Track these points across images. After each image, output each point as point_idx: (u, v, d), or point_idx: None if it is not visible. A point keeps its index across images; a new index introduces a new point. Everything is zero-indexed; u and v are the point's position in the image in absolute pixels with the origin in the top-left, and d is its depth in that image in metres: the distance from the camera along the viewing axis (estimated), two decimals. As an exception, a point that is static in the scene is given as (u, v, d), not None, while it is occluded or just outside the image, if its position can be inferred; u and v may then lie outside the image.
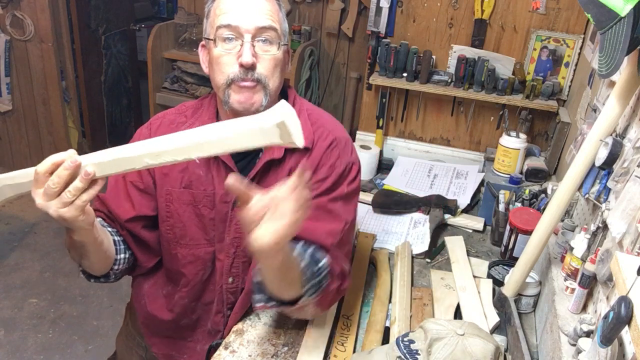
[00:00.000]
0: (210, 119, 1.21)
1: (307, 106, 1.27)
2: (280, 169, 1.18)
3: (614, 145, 1.10)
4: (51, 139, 3.56)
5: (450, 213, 1.85)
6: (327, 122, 1.25)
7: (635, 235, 0.99)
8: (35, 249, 3.07)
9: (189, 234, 1.22)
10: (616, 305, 0.75)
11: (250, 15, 1.09)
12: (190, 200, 1.21)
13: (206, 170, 1.19)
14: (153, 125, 1.25)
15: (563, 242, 1.38)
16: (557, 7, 1.98)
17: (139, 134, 1.26)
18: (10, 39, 3.29)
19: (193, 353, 1.32)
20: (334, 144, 1.21)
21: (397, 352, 1.04)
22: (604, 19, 1.01)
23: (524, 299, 1.38)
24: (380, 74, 2.15)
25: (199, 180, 1.20)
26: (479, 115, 2.19)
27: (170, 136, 0.84)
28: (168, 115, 1.26)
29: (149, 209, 1.23)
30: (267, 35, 1.10)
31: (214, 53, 1.11)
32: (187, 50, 3.22)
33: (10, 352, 2.38)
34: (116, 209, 1.20)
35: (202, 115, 1.23)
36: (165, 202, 1.22)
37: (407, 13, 2.12)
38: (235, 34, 1.09)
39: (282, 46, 1.14)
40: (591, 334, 1.04)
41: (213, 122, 1.15)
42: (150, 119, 1.28)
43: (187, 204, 1.21)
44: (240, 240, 1.20)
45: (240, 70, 1.09)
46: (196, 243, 1.23)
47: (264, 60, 1.11)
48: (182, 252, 1.24)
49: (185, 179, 1.20)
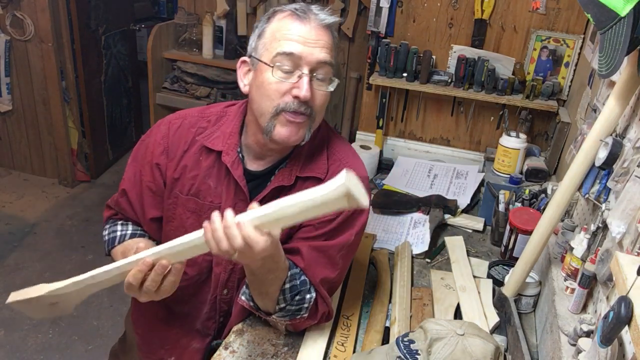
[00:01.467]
0: (233, 133, 1.18)
1: (332, 139, 1.23)
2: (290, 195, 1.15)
3: (614, 145, 1.10)
4: (51, 139, 3.56)
5: (450, 213, 1.85)
6: (346, 158, 1.21)
7: (635, 235, 0.99)
8: (35, 249, 3.07)
9: None
10: (616, 305, 0.75)
11: (313, 48, 1.06)
12: (195, 209, 1.20)
13: (216, 182, 1.18)
14: (172, 126, 1.22)
15: (563, 242, 1.38)
16: (557, 7, 1.98)
17: (156, 132, 1.23)
18: (10, 39, 3.29)
19: (175, 345, 1.31)
20: None
21: (397, 352, 1.04)
22: (604, 19, 1.01)
23: (524, 299, 1.38)
24: (380, 74, 2.15)
25: (207, 191, 1.19)
26: (479, 115, 2.19)
27: (247, 214, 0.89)
28: (189, 118, 1.23)
29: (159, 210, 1.24)
30: (324, 72, 1.08)
31: (267, 78, 1.07)
32: (187, 50, 3.22)
33: (10, 352, 2.38)
34: (139, 211, 1.25)
35: (225, 125, 1.20)
36: (171, 205, 1.22)
37: (407, 13, 2.12)
38: (295, 64, 1.05)
39: (336, 83, 1.11)
40: (591, 334, 1.04)
41: (235, 136, 1.17)
42: (170, 118, 1.25)
43: (191, 211, 1.20)
44: None
45: (293, 101, 1.06)
46: None
47: (317, 96, 1.09)
48: None
49: (195, 187, 1.19)
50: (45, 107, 3.46)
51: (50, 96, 3.42)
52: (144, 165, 1.23)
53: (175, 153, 1.20)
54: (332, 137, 1.24)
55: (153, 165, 1.21)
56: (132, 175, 1.25)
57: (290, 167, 1.16)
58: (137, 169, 1.25)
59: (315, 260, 1.14)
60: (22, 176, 3.74)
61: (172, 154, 1.20)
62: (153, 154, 1.21)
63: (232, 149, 1.16)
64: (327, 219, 1.16)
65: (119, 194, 1.28)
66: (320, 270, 1.15)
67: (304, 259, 1.13)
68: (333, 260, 1.18)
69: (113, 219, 1.32)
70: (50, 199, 3.53)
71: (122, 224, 1.29)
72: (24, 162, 3.72)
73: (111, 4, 3.68)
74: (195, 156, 1.19)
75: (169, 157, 1.20)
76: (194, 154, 1.19)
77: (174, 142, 1.20)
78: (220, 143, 1.17)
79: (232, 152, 1.16)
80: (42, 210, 3.41)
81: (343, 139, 1.28)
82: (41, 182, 3.70)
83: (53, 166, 3.67)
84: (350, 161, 1.21)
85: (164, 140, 1.21)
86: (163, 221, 1.25)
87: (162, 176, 1.22)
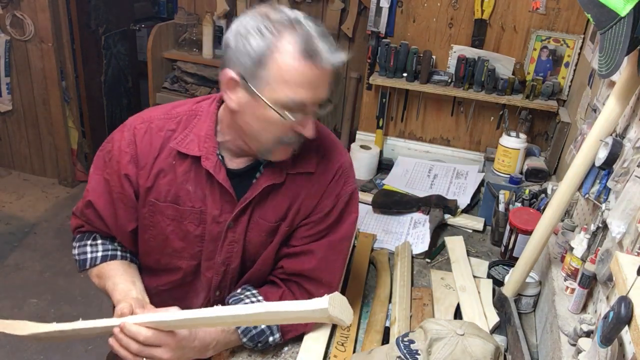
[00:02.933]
0: (209, 136, 1.11)
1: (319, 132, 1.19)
2: (281, 192, 1.15)
3: (614, 145, 1.10)
4: (51, 139, 3.56)
5: (450, 213, 1.85)
6: (333, 145, 1.21)
7: (635, 235, 0.99)
8: (35, 249, 3.07)
9: (171, 245, 1.18)
10: (616, 305, 0.75)
11: (322, 89, 1.02)
12: (175, 215, 1.15)
13: (195, 186, 1.13)
14: (138, 132, 1.13)
15: (563, 242, 1.38)
16: (557, 7, 1.98)
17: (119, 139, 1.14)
18: (10, 39, 3.29)
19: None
20: (340, 172, 1.18)
21: (397, 352, 1.04)
22: (604, 19, 1.01)
23: (524, 299, 1.38)
24: (380, 74, 2.15)
25: (187, 196, 1.13)
26: (479, 115, 2.19)
27: (230, 309, 0.94)
28: (155, 121, 1.14)
29: (133, 222, 1.18)
30: (324, 106, 1.06)
31: (269, 116, 1.00)
32: (187, 50, 3.22)
33: (10, 352, 2.38)
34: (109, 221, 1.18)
35: (198, 127, 1.13)
36: (148, 213, 1.16)
37: (407, 13, 2.12)
38: (302, 107, 1.01)
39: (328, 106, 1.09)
40: (591, 334, 1.04)
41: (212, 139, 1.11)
42: (134, 123, 1.15)
43: (170, 218, 1.15)
44: (231, 259, 1.19)
45: (296, 135, 1.05)
46: (178, 255, 1.19)
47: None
48: (164, 259, 1.21)
49: (172, 193, 1.13)
50: (45, 107, 3.46)
51: (50, 96, 3.42)
52: (112, 175, 1.15)
53: (145, 161, 1.12)
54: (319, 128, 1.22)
55: (122, 176, 1.13)
56: (97, 184, 1.17)
57: (280, 164, 1.13)
58: (101, 178, 1.17)
59: (327, 259, 1.19)
60: (22, 176, 3.74)
61: (142, 162, 1.13)
62: (120, 164, 1.13)
63: (211, 153, 1.11)
64: (326, 211, 1.17)
65: (84, 204, 1.20)
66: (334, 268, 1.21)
67: (316, 260, 1.16)
68: (343, 253, 1.22)
69: (80, 231, 1.25)
70: (50, 199, 3.53)
71: (92, 244, 1.22)
72: (24, 162, 3.72)
73: (111, 4, 3.68)
74: (168, 161, 1.12)
75: (139, 165, 1.13)
76: (166, 159, 1.12)
77: (142, 150, 1.12)
78: (197, 147, 1.11)
79: (212, 157, 1.11)
80: (42, 210, 3.41)
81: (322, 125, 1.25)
82: (41, 182, 3.70)
83: (53, 166, 3.67)
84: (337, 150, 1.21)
85: (130, 148, 1.12)
86: (139, 229, 1.19)
87: (133, 186, 1.14)
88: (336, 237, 1.19)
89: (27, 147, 3.66)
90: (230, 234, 1.16)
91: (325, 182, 1.16)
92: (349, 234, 1.22)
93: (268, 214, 1.15)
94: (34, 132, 3.58)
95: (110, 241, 1.24)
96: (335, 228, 1.19)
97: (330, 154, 1.19)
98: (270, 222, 1.16)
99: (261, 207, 1.15)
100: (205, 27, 3.10)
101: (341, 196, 1.18)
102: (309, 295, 1.17)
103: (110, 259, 1.21)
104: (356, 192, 1.22)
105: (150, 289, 1.22)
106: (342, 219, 1.20)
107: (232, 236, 1.16)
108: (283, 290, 1.19)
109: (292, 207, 1.16)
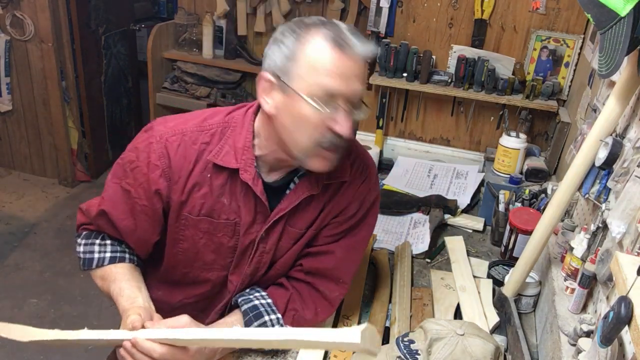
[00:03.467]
0: (247, 148, 1.08)
1: None
2: (314, 201, 1.14)
3: (614, 145, 1.10)
4: (51, 139, 3.56)
5: (450, 213, 1.85)
6: (361, 150, 1.21)
7: (635, 235, 0.99)
8: (35, 249, 3.07)
9: (202, 259, 1.16)
10: (616, 305, 0.75)
11: (355, 84, 0.99)
12: (208, 229, 1.12)
13: (230, 199, 1.11)
14: (171, 145, 1.08)
15: (563, 242, 1.38)
16: (557, 7, 1.98)
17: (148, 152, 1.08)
18: (10, 39, 3.29)
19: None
20: (366, 177, 1.19)
21: (397, 352, 1.04)
22: (604, 19, 1.01)
23: (524, 299, 1.38)
24: (380, 74, 2.15)
25: (221, 209, 1.11)
26: (479, 115, 2.19)
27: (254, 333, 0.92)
28: (189, 134, 1.09)
29: (156, 234, 1.16)
30: (358, 102, 1.03)
31: (304, 111, 0.98)
32: (187, 50, 3.22)
33: (10, 352, 2.37)
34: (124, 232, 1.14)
35: (233, 138, 1.09)
36: (180, 227, 1.13)
37: (407, 13, 2.12)
38: (335, 98, 0.98)
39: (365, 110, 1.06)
40: (591, 334, 1.04)
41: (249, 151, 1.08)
42: (165, 135, 1.09)
43: (203, 231, 1.13)
44: (260, 269, 1.18)
45: (333, 136, 1.00)
46: (210, 267, 1.18)
47: (352, 127, 1.04)
48: (194, 273, 1.19)
49: (206, 206, 1.10)
50: (45, 107, 3.46)
51: (50, 96, 3.42)
52: (136, 188, 1.10)
53: (179, 175, 1.08)
54: None
55: (151, 191, 1.09)
56: (114, 193, 1.12)
57: (316, 174, 1.11)
58: (119, 188, 1.12)
59: (347, 259, 1.21)
60: (22, 176, 3.74)
61: (176, 177, 1.08)
62: (149, 179, 1.08)
63: (249, 165, 1.08)
64: (352, 213, 1.18)
65: (97, 213, 1.14)
66: (351, 268, 1.24)
67: (336, 260, 1.18)
68: (361, 253, 1.25)
69: (87, 229, 1.21)
70: (50, 199, 3.53)
71: (100, 244, 1.18)
72: (24, 162, 3.72)
73: (111, 4, 3.68)
74: (203, 175, 1.09)
75: (172, 180, 1.08)
76: (201, 172, 1.09)
77: (176, 164, 1.08)
78: (234, 160, 1.07)
79: (250, 169, 1.08)
80: (42, 210, 3.41)
81: None
82: (41, 182, 3.70)
83: (53, 166, 3.67)
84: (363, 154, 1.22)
85: (162, 161, 1.08)
86: (168, 243, 1.16)
87: (163, 201, 1.10)
88: (357, 237, 1.21)
89: (27, 147, 3.66)
90: (261, 246, 1.15)
91: (355, 187, 1.18)
92: (368, 235, 1.25)
93: (298, 222, 1.15)
94: (34, 132, 3.58)
95: (119, 243, 1.19)
96: (357, 229, 1.21)
97: (360, 159, 1.20)
98: (300, 230, 1.16)
99: (293, 216, 1.15)
100: (205, 27, 3.10)
101: (366, 199, 1.19)
102: (320, 296, 1.19)
103: (118, 261, 1.17)
104: (379, 196, 1.24)
105: (174, 303, 1.22)
106: (364, 221, 1.21)
107: (263, 247, 1.15)
108: (291, 293, 1.18)
109: (323, 212, 1.16)
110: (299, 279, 1.20)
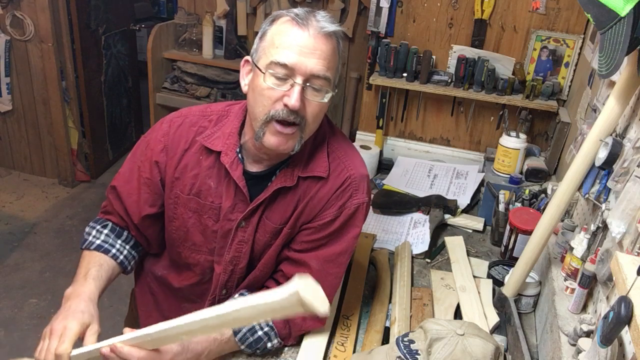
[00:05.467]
0: (232, 133, 1.16)
1: (332, 135, 1.22)
2: (290, 195, 1.16)
3: (614, 145, 1.10)
4: (51, 139, 3.56)
5: (450, 213, 1.85)
6: (347, 157, 1.20)
7: (635, 235, 0.99)
8: (35, 249, 3.07)
9: (191, 239, 1.22)
10: (616, 305, 0.75)
11: (309, 59, 1.03)
12: (197, 208, 1.19)
13: (217, 182, 1.17)
14: (174, 124, 1.21)
15: (563, 242, 1.38)
16: (557, 7, 1.98)
17: (157, 129, 1.22)
18: (10, 39, 3.29)
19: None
20: (347, 183, 1.16)
21: (397, 352, 1.04)
22: (604, 19, 1.01)
23: (524, 299, 1.38)
24: (380, 74, 2.15)
25: (208, 191, 1.18)
26: (479, 115, 2.19)
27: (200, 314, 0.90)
28: (191, 116, 1.22)
29: (155, 207, 1.23)
30: (319, 84, 1.05)
31: (260, 83, 1.05)
32: (187, 50, 3.22)
33: (10, 353, 2.37)
34: (130, 207, 1.23)
35: (226, 125, 1.18)
36: (172, 204, 1.21)
37: (407, 13, 2.12)
38: (288, 73, 1.03)
39: (331, 95, 1.09)
40: (591, 334, 1.04)
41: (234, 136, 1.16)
42: (172, 116, 1.23)
43: (192, 211, 1.20)
44: (239, 259, 1.20)
45: (284, 110, 1.04)
46: (198, 249, 1.23)
47: (310, 106, 1.06)
48: (185, 253, 1.25)
49: (196, 186, 1.18)
50: (45, 107, 3.46)
51: (50, 96, 3.42)
52: (144, 162, 1.22)
53: (175, 151, 1.19)
54: (333, 134, 1.23)
55: (152, 162, 1.20)
56: (127, 170, 1.24)
57: (292, 167, 1.15)
58: (134, 165, 1.23)
59: (324, 272, 1.17)
60: (22, 176, 3.74)
61: (172, 152, 1.19)
62: (153, 151, 1.20)
63: (231, 149, 1.15)
64: (329, 220, 1.16)
65: (109, 188, 1.27)
66: (330, 281, 1.19)
67: (312, 272, 1.14)
68: (341, 267, 1.21)
69: (103, 212, 1.29)
70: (50, 199, 3.53)
71: (98, 230, 1.25)
72: (24, 162, 3.72)
73: (111, 4, 3.68)
74: (196, 156, 1.18)
75: (169, 155, 1.19)
76: (195, 153, 1.18)
77: (174, 141, 1.19)
78: (220, 143, 1.16)
79: (231, 153, 1.15)
80: (42, 210, 3.41)
81: (343, 135, 1.26)
82: (41, 182, 3.70)
83: (53, 166, 3.67)
84: (350, 162, 1.19)
85: (165, 138, 1.20)
86: (165, 220, 1.25)
87: (161, 174, 1.21)
88: (335, 249, 1.18)
89: (27, 147, 3.66)
90: (240, 233, 1.18)
91: (332, 189, 1.16)
92: (349, 248, 1.20)
93: (275, 215, 1.17)
94: (34, 132, 3.58)
95: (116, 237, 1.25)
96: (336, 240, 1.18)
97: (342, 162, 1.18)
98: (275, 224, 1.17)
99: (270, 208, 1.17)
100: (205, 27, 3.10)
101: (346, 208, 1.16)
102: None
103: (103, 251, 1.22)
104: (364, 206, 1.18)
105: (175, 286, 1.29)
106: (343, 232, 1.18)
107: (242, 236, 1.18)
108: None
109: (297, 209, 1.16)
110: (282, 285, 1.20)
